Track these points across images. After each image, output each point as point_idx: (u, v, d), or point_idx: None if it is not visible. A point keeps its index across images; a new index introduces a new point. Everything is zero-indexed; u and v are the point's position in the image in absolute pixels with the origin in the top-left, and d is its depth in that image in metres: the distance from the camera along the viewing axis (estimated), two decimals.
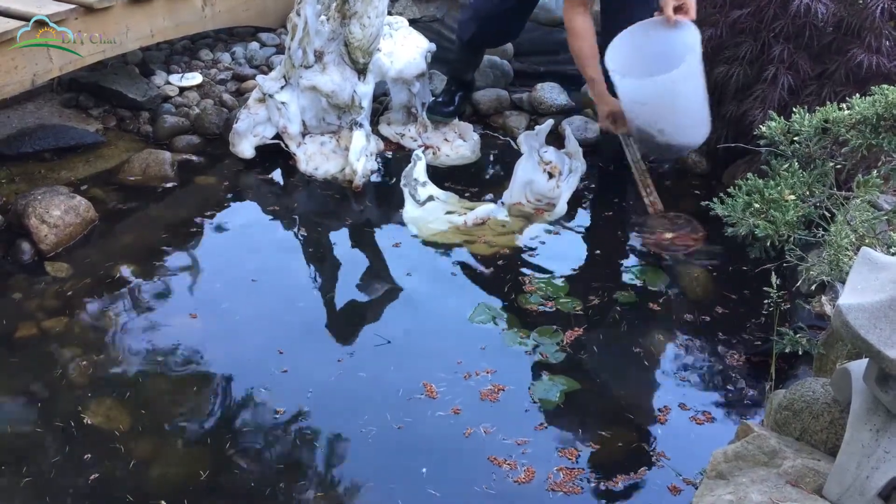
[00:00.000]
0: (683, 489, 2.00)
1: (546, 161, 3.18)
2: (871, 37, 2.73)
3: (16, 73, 2.92)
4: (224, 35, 4.10)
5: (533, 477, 2.02)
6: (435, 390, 2.27)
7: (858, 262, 1.47)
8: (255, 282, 2.67)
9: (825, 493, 1.50)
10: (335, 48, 3.24)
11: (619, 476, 2.04)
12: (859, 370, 1.52)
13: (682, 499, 1.97)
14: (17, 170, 3.13)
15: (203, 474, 2.02)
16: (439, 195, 3.12)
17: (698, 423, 2.22)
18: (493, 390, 2.28)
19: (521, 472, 2.03)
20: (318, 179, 3.24)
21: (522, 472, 2.03)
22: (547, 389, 2.30)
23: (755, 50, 2.89)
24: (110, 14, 3.17)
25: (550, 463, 2.06)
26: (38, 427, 2.13)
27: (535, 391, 2.29)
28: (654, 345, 2.48)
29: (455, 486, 2.00)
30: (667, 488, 2.01)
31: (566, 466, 2.06)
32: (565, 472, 2.04)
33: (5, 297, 2.56)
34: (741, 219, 2.06)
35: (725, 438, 2.06)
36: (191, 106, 3.57)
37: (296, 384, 2.29)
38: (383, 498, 1.97)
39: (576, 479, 2.02)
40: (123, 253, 2.77)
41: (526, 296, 2.65)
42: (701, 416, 2.24)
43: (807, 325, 2.27)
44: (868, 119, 2.04)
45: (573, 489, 2.00)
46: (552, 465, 2.05)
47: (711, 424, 2.21)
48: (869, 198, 2.03)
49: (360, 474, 2.03)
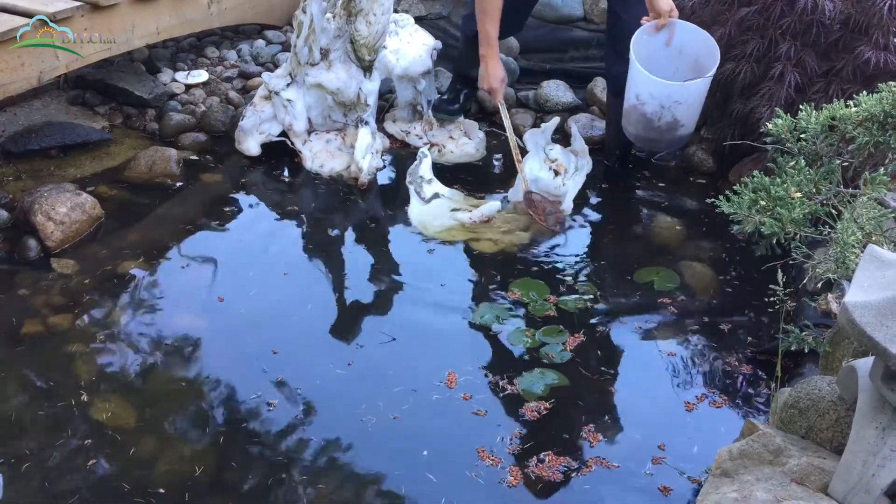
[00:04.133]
0: (688, 487, 2.00)
1: (552, 159, 3.17)
2: (878, 34, 2.72)
3: (22, 70, 2.93)
4: (230, 33, 4.10)
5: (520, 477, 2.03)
6: (439, 387, 2.28)
7: (865, 260, 1.47)
8: (260, 279, 2.67)
9: (831, 491, 1.49)
10: (341, 46, 3.24)
11: (619, 474, 2.04)
12: (865, 368, 1.51)
13: (687, 497, 1.96)
14: (23, 167, 3.14)
15: (207, 469, 2.03)
16: (445, 192, 3.12)
17: (703, 421, 2.21)
18: (494, 387, 2.28)
19: (508, 472, 2.04)
20: (324, 177, 3.24)
21: (510, 468, 2.04)
22: (542, 383, 2.31)
23: (762, 47, 2.89)
24: (116, 11, 3.18)
25: (545, 458, 2.07)
26: (43, 422, 2.13)
27: (532, 385, 2.30)
28: (659, 342, 2.47)
29: (449, 472, 2.03)
30: (670, 486, 2.01)
31: (566, 459, 2.06)
32: (554, 463, 2.04)
33: (12, 293, 2.56)
34: (747, 216, 2.05)
35: (731, 436, 2.06)
36: (197, 103, 3.57)
37: (300, 380, 2.29)
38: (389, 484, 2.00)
39: (575, 476, 2.02)
40: (129, 250, 2.77)
41: (529, 294, 2.64)
42: (706, 413, 2.23)
43: (813, 322, 2.25)
44: (875, 116, 2.03)
45: (566, 482, 2.00)
46: (547, 461, 2.06)
47: (716, 422, 2.21)
48: (876, 195, 2.02)
49: (362, 464, 2.06)
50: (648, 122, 2.89)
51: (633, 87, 2.89)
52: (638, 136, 3.03)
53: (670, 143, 3.04)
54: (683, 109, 2.84)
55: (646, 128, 2.92)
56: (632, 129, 3.02)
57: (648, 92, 2.83)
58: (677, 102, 2.80)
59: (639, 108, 2.88)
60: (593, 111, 3.63)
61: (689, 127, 2.94)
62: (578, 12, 3.85)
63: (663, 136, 2.93)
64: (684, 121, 2.88)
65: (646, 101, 2.85)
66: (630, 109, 2.94)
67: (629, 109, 2.95)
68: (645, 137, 3.00)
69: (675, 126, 2.88)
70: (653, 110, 2.85)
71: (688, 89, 2.81)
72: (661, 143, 3.03)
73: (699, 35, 2.88)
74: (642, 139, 3.04)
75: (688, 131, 2.96)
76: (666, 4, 2.87)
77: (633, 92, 2.89)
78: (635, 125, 2.97)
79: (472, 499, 1.98)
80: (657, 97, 2.81)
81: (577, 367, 2.37)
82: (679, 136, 2.95)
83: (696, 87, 2.82)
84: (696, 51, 2.87)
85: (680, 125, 2.88)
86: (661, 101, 2.82)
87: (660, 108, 2.83)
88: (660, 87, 2.80)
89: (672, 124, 2.87)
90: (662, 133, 2.91)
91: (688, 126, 2.92)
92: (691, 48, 2.89)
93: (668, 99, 2.80)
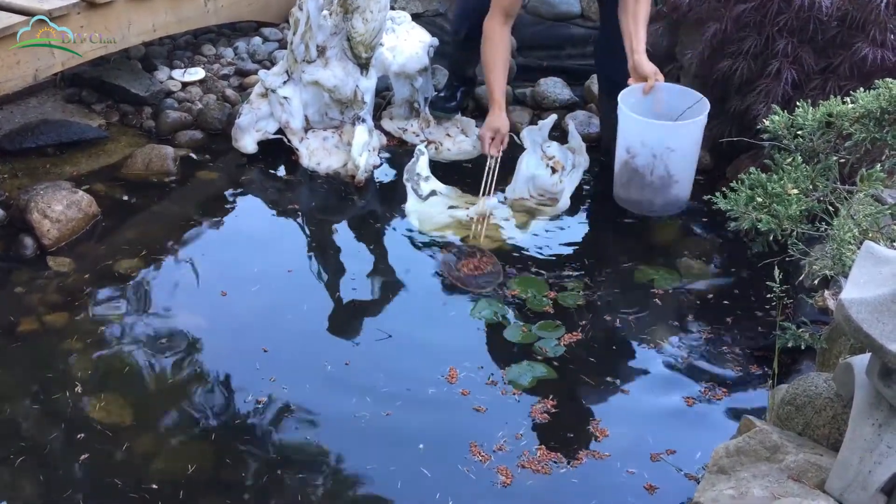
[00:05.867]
0: (684, 484, 2.00)
1: (549, 156, 3.17)
2: (875, 30, 2.72)
3: (18, 68, 2.92)
4: (227, 30, 4.09)
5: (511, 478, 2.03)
6: (436, 383, 2.28)
7: (861, 257, 1.47)
8: (257, 277, 2.67)
9: (827, 487, 1.49)
10: (337, 43, 3.24)
11: (614, 470, 2.04)
12: (862, 365, 1.52)
13: (684, 494, 1.96)
14: (19, 165, 3.13)
15: (201, 467, 2.03)
16: (442, 190, 3.11)
17: (700, 417, 2.21)
18: (488, 381, 2.29)
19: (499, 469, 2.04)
20: (321, 174, 3.24)
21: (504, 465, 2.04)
22: (529, 375, 2.32)
23: (759, 44, 2.88)
24: (112, 9, 3.17)
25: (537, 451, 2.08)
26: (39, 420, 2.13)
27: (520, 377, 2.31)
28: (655, 339, 2.47)
29: (442, 467, 2.05)
30: (666, 483, 2.01)
31: (558, 455, 2.06)
32: (546, 458, 2.04)
33: (8, 291, 2.56)
34: (744, 213, 2.06)
35: (727, 433, 2.06)
36: (193, 101, 3.56)
37: (296, 378, 2.29)
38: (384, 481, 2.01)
39: (571, 472, 2.02)
40: (125, 248, 2.77)
41: (527, 290, 2.64)
42: (702, 410, 2.23)
43: (810, 319, 2.26)
44: (872, 113, 2.03)
45: (559, 478, 2.00)
46: (538, 454, 2.07)
47: (713, 419, 2.21)
48: (872, 192, 2.02)
49: (357, 461, 2.07)
50: (641, 178, 2.82)
51: (623, 139, 2.84)
52: (630, 200, 2.92)
53: (665, 205, 2.89)
54: (677, 160, 2.77)
55: (639, 187, 2.85)
56: (623, 193, 2.93)
57: (640, 140, 2.78)
58: (670, 150, 2.75)
59: (630, 163, 2.83)
60: (590, 108, 3.62)
61: (685, 187, 2.85)
62: (576, 9, 3.85)
63: (657, 197, 2.85)
64: (678, 175, 2.80)
65: (637, 151, 2.79)
66: (621, 169, 2.88)
67: (620, 170, 2.89)
68: (638, 200, 2.90)
69: (669, 182, 2.81)
70: (644, 162, 2.79)
71: (680, 131, 2.76)
72: (655, 204, 2.89)
73: (686, 93, 2.86)
74: (635, 202, 2.92)
75: (684, 193, 2.86)
76: (650, 68, 2.86)
77: (624, 145, 2.84)
78: (626, 187, 2.90)
79: (465, 493, 1.98)
80: (648, 144, 2.76)
81: (573, 363, 2.37)
82: (675, 197, 2.86)
83: (689, 130, 2.75)
84: (683, 107, 2.83)
85: (674, 181, 2.81)
86: (653, 149, 2.76)
87: (652, 159, 2.77)
88: (651, 130, 2.75)
89: (665, 179, 2.80)
90: (657, 192, 2.83)
91: (682, 184, 2.83)
92: (679, 107, 2.84)
93: (659, 145, 2.75)
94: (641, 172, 2.82)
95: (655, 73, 2.87)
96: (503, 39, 3.08)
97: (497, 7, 3.03)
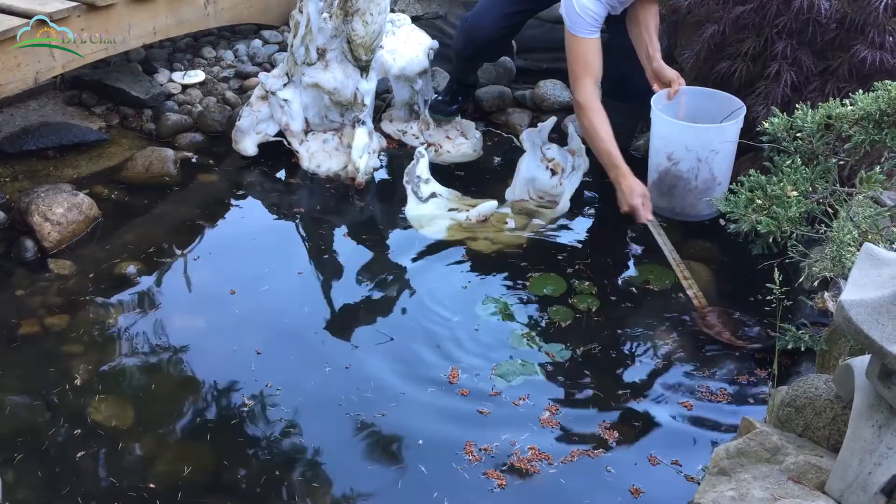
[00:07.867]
0: (684, 485, 2.00)
1: (549, 158, 3.17)
2: (874, 32, 2.72)
3: (18, 70, 2.92)
4: (227, 33, 4.10)
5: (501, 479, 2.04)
6: (437, 382, 2.28)
7: (861, 258, 1.47)
8: (258, 279, 2.67)
9: (827, 489, 1.49)
10: (338, 45, 3.24)
11: (613, 470, 2.04)
12: (862, 366, 1.52)
13: (683, 495, 1.97)
14: (20, 167, 3.14)
15: (200, 467, 2.04)
16: (442, 192, 3.12)
17: (700, 419, 2.21)
18: (491, 384, 2.29)
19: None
20: (321, 177, 3.24)
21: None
22: (520, 373, 2.33)
23: (758, 46, 2.88)
24: (113, 12, 3.17)
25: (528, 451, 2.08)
26: (40, 423, 2.13)
27: (508, 374, 2.32)
28: (655, 341, 2.48)
29: (438, 466, 2.05)
30: (666, 484, 2.01)
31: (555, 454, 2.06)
32: (540, 458, 2.05)
33: (8, 294, 2.56)
34: (744, 215, 2.06)
35: (728, 434, 2.06)
36: (193, 103, 3.57)
37: (296, 379, 2.30)
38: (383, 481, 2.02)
39: (570, 471, 2.02)
40: (126, 250, 2.77)
41: (528, 294, 2.64)
42: (703, 411, 2.23)
43: (810, 321, 2.26)
44: (871, 115, 2.04)
45: (557, 478, 2.00)
46: (530, 454, 2.08)
47: (713, 421, 2.21)
48: (872, 194, 2.03)
49: (356, 461, 2.07)
50: (685, 183, 2.82)
51: (664, 146, 2.82)
52: (674, 209, 2.90)
53: (708, 207, 2.77)
54: (720, 161, 2.77)
55: (682, 192, 2.84)
56: (665, 203, 2.88)
57: (683, 145, 2.76)
58: (714, 152, 2.74)
59: (673, 170, 2.81)
60: None
61: (724, 185, 2.82)
62: None
63: (699, 200, 2.82)
64: (721, 176, 2.80)
65: (680, 157, 2.78)
66: (663, 176, 2.86)
67: (661, 177, 2.86)
68: (682, 207, 2.88)
69: (713, 184, 2.80)
70: (689, 167, 2.78)
71: (725, 132, 2.74)
72: (697, 207, 2.86)
73: (707, 95, 2.87)
74: (678, 209, 2.90)
75: (723, 191, 2.75)
76: (672, 72, 2.89)
77: (664, 153, 2.82)
78: (669, 195, 2.87)
79: (464, 493, 1.99)
80: (693, 149, 2.75)
81: (574, 365, 2.37)
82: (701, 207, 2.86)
83: (732, 131, 2.74)
84: (707, 109, 2.83)
85: (717, 183, 2.80)
86: (698, 153, 2.75)
87: (697, 163, 2.77)
88: (697, 134, 2.75)
89: (710, 182, 2.79)
90: (699, 195, 2.81)
91: (724, 186, 2.80)
92: (703, 108, 2.85)
93: (704, 149, 2.74)
94: (686, 178, 2.82)
95: (678, 78, 2.88)
96: (602, 107, 2.93)
97: (588, 76, 2.91)
